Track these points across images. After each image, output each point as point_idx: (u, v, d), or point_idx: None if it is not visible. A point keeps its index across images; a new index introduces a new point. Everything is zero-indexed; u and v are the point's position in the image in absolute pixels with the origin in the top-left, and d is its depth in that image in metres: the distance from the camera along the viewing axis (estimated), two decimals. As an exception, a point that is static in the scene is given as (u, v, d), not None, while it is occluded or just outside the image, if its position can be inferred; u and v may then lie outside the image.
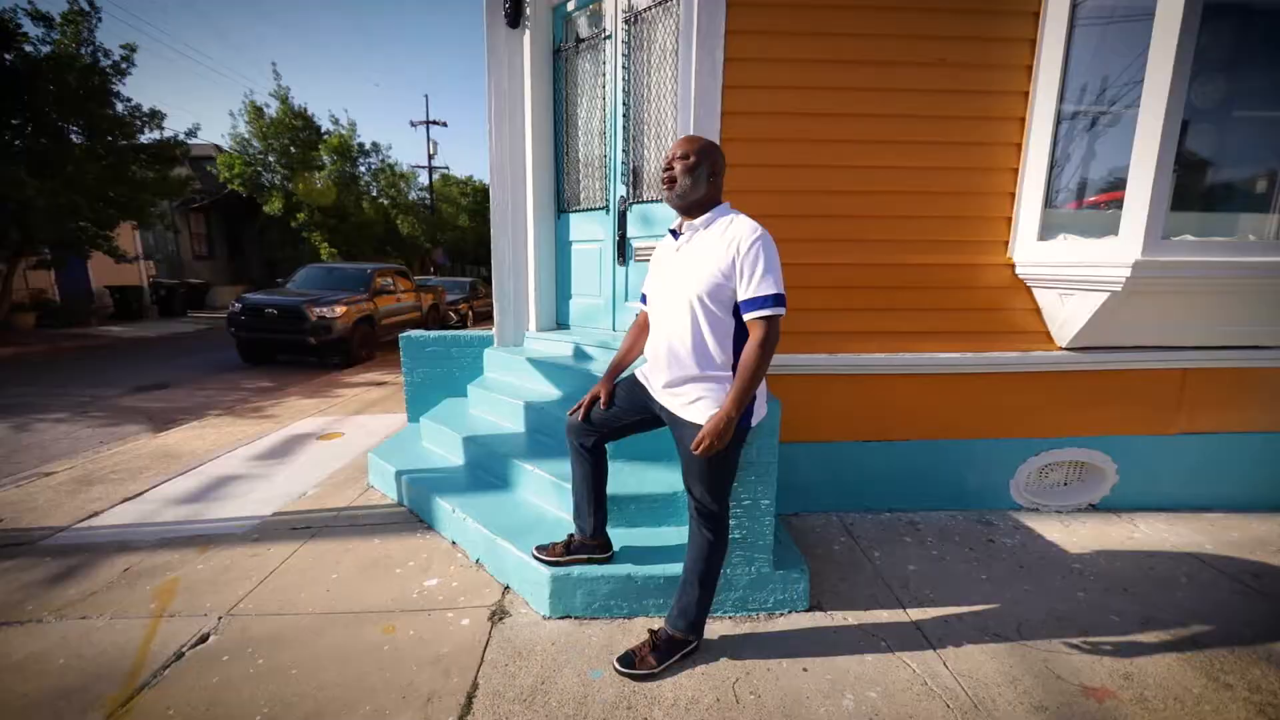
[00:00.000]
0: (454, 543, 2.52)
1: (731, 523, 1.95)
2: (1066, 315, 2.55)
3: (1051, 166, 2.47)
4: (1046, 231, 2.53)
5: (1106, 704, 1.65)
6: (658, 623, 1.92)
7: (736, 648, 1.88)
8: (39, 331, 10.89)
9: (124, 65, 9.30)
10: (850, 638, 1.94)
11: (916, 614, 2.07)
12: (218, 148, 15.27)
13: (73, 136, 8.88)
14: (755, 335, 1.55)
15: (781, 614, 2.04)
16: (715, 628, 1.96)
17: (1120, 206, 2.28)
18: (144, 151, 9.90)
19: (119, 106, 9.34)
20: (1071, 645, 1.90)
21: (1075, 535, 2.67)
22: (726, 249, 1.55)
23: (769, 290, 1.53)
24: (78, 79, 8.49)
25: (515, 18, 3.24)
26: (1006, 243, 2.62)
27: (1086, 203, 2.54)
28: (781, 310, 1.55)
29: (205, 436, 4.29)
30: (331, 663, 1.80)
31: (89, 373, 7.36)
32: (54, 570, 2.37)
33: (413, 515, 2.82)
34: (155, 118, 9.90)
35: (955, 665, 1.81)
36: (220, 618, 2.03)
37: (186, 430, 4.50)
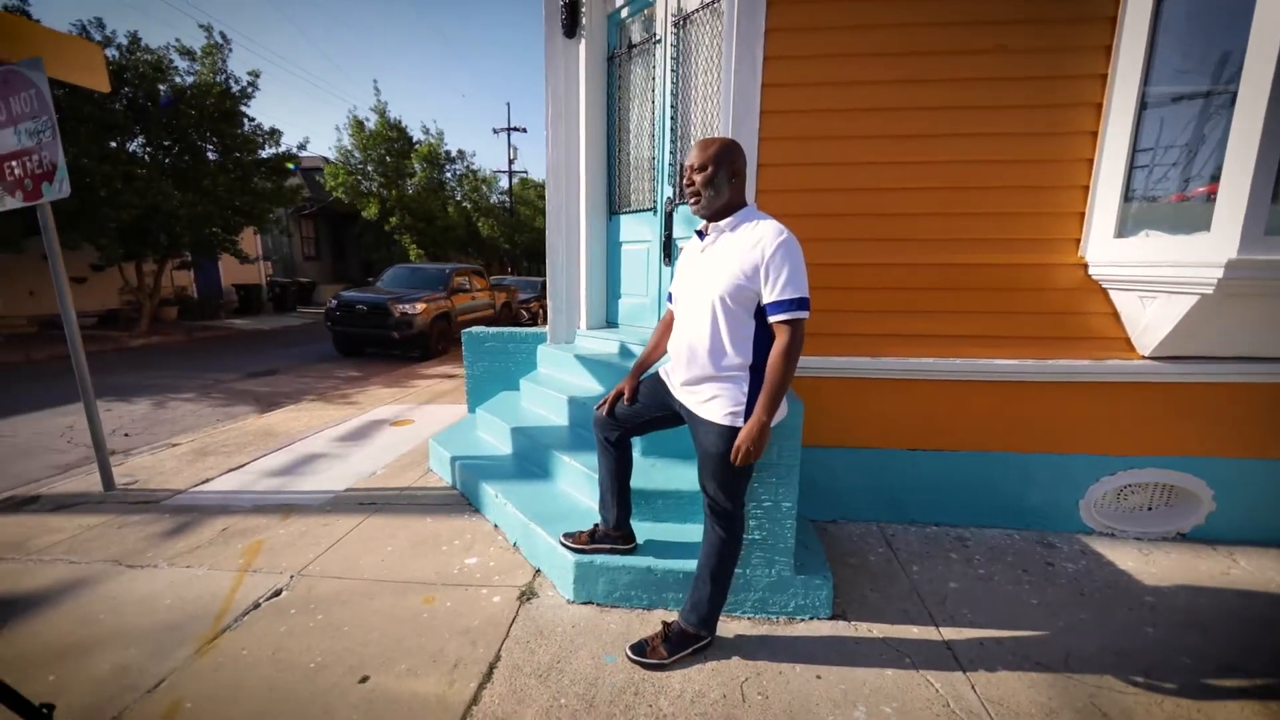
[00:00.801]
0: (496, 526, 2.69)
1: (751, 523, 1.96)
2: (1149, 320, 2.29)
3: (1133, 156, 2.23)
4: (1125, 228, 2.29)
5: (1159, 750, 1.50)
6: (674, 616, 1.96)
7: (750, 648, 1.88)
8: (179, 323, 12.63)
9: (250, 90, 10.57)
10: (872, 650, 1.88)
11: (950, 633, 1.97)
12: (325, 159, 16.88)
13: (208, 153, 10.22)
14: (781, 339, 1.55)
15: (802, 619, 2.01)
16: (731, 626, 1.97)
17: (1213, 199, 2.02)
18: (264, 165, 11.20)
19: (246, 126, 10.63)
20: (1128, 684, 1.73)
21: (1154, 566, 2.40)
22: (751, 251, 1.56)
23: (794, 294, 1.52)
24: (214, 103, 9.76)
25: (571, 28, 3.38)
26: (1078, 240, 2.40)
27: (1174, 197, 2.27)
28: (806, 313, 1.55)
29: (299, 418, 4.81)
30: (377, 624, 2.00)
31: (214, 359, 8.45)
32: (170, 526, 2.78)
33: (463, 498, 3.04)
34: (274, 135, 11.16)
35: (985, 690, 1.71)
36: (292, 576, 2.30)
37: (285, 412, 5.07)
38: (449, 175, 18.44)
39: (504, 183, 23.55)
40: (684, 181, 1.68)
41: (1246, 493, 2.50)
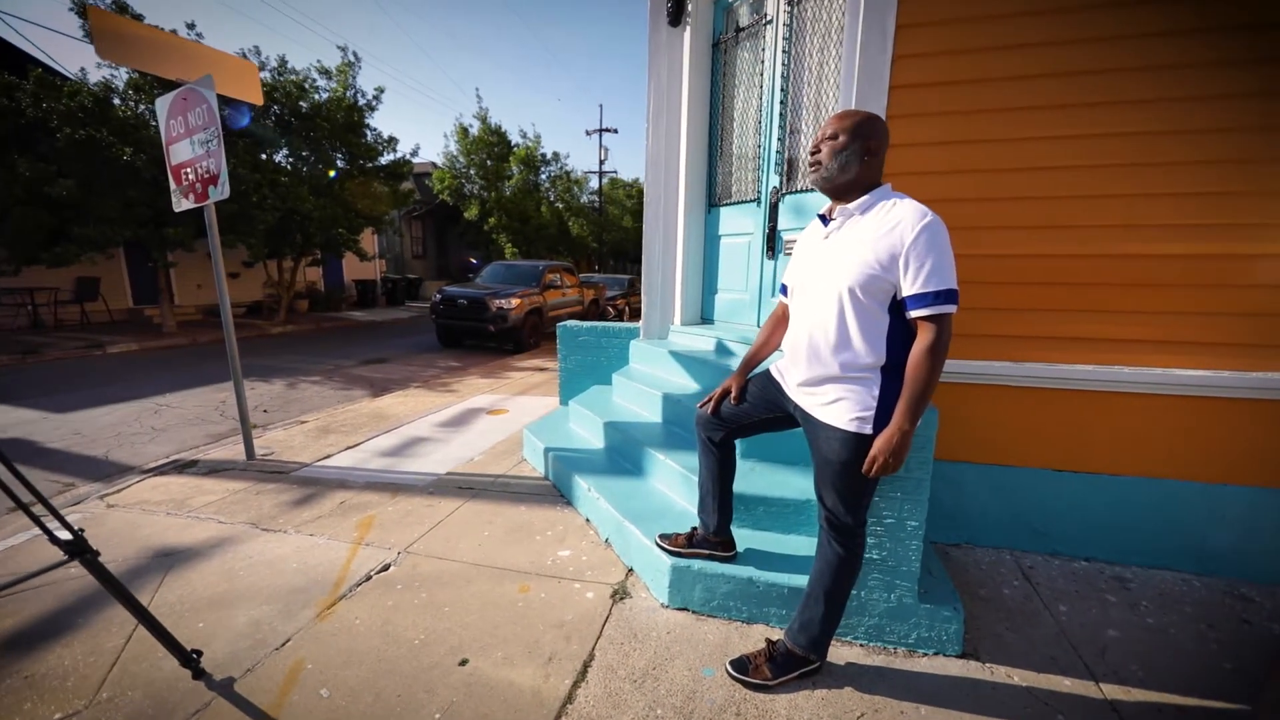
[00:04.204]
0: (587, 520, 2.67)
1: (870, 541, 1.77)
2: (1407, 327, 1.80)
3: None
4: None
5: None
6: (777, 634, 1.82)
7: (866, 680, 1.69)
8: (310, 314, 14.15)
9: (374, 103, 11.60)
10: (1013, 700, 1.62)
11: (1113, 691, 1.65)
12: (434, 165, 18.18)
13: (337, 161, 11.34)
14: (925, 337, 1.36)
15: (924, 654, 1.78)
16: (842, 653, 1.79)
17: None
18: (383, 170, 12.25)
19: (369, 135, 11.68)
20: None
21: (1402, 638, 1.88)
22: (887, 236, 1.38)
23: (941, 285, 1.33)
24: (344, 116, 10.82)
25: (677, 15, 3.30)
26: (1299, 226, 1.94)
27: None
28: (954, 307, 1.35)
29: (406, 403, 5.15)
30: (475, 608, 2.03)
31: (336, 347, 9.34)
32: (297, 496, 3.04)
33: (554, 489, 3.06)
34: (391, 143, 12.17)
35: (1169, 769, 1.40)
36: (399, 553, 2.42)
37: (394, 397, 5.45)
38: (544, 177, 19.18)
39: (594, 183, 24.14)
40: (809, 150, 1.52)
41: None
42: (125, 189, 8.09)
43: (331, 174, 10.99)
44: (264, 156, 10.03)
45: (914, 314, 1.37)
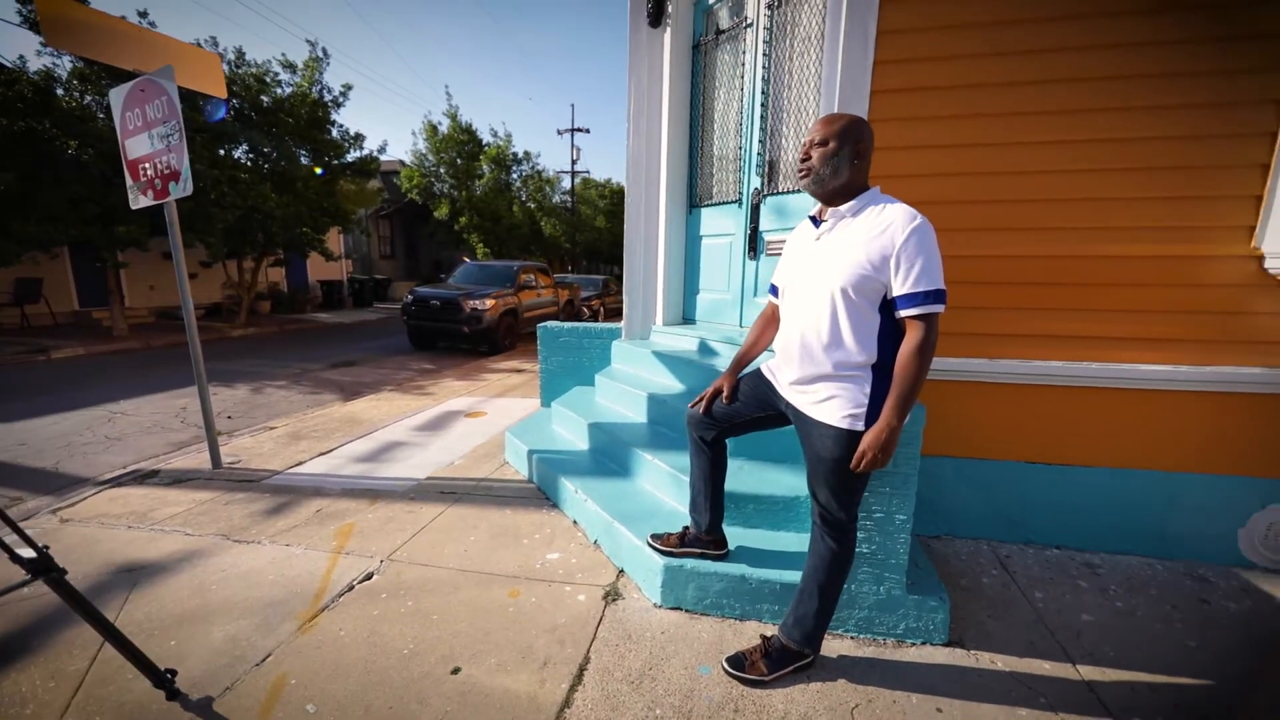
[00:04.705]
0: (575, 522, 2.65)
1: (860, 535, 1.80)
2: (1344, 323, 1.94)
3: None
4: (1316, 213, 1.95)
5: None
6: (770, 629, 1.84)
7: (858, 671, 1.72)
8: (272, 316, 13.64)
9: (341, 100, 11.27)
10: (998, 684, 1.67)
11: (1089, 672, 1.73)
12: (402, 163, 17.76)
13: (301, 158, 10.97)
14: (914, 335, 1.40)
15: (913, 644, 1.83)
16: (834, 646, 1.82)
17: None
18: (349, 168, 11.91)
19: (334, 132, 11.34)
20: (1331, 754, 1.45)
21: (1343, 612, 2.03)
22: (879, 238, 1.41)
23: (930, 285, 1.37)
24: (309, 112, 10.48)
25: (657, 16, 3.30)
26: (1252, 229, 2.06)
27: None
28: (942, 307, 1.39)
29: (380, 407, 5.02)
30: (464, 614, 1.99)
31: (302, 350, 9.03)
32: (270, 505, 2.92)
33: (539, 492, 3.02)
34: (358, 140, 11.84)
35: (1145, 745, 1.47)
36: (382, 561, 2.35)
37: (367, 401, 5.30)
38: (515, 176, 18.95)
39: (566, 183, 23.98)
40: (800, 156, 1.54)
41: None
42: (71, 185, 7.65)
43: (318, 170, 10.65)
44: (222, 152, 9.63)
45: (904, 313, 1.41)
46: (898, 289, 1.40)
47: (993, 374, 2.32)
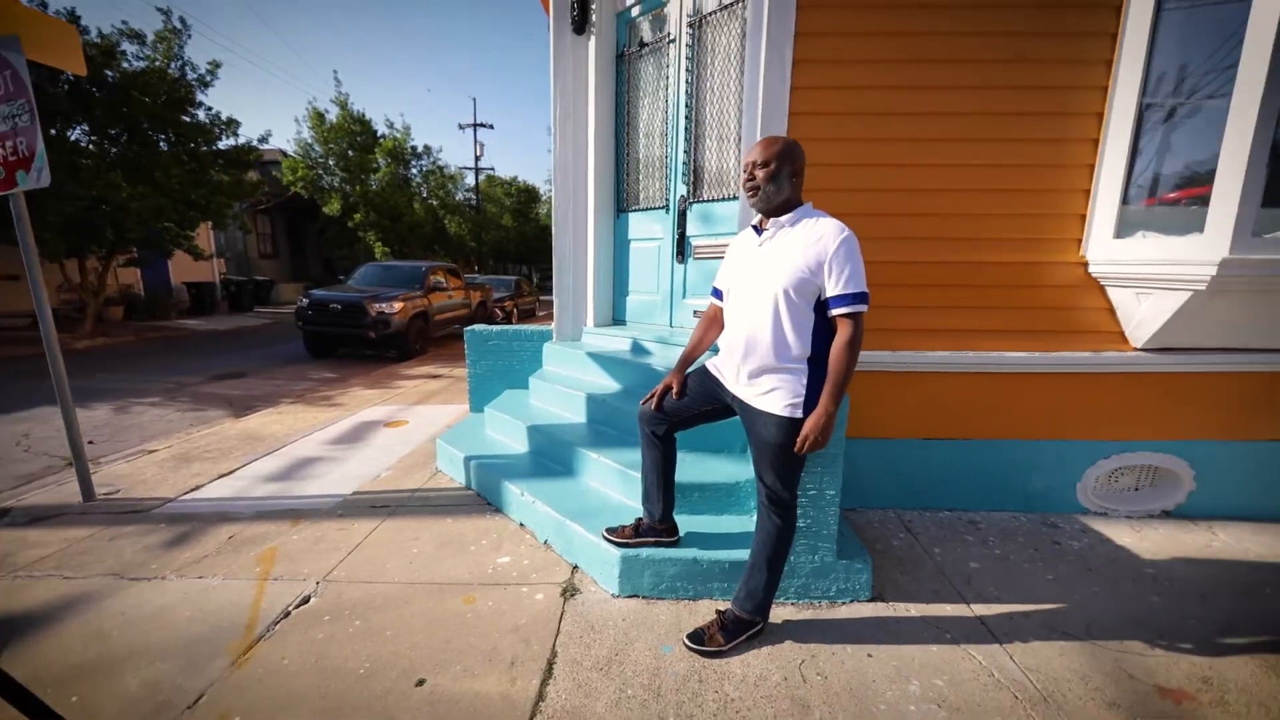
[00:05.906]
0: (522, 524, 2.66)
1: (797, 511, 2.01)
2: (1143, 315, 2.48)
3: (1131, 162, 2.41)
4: (1124, 229, 2.47)
5: (1184, 706, 1.63)
6: (722, 605, 2.00)
7: (801, 632, 1.93)
8: (126, 323, 11.83)
9: (208, 79, 10.00)
10: (914, 628, 1.97)
11: (981, 609, 2.08)
12: (283, 153, 16.15)
13: (160, 144, 9.61)
14: (844, 332, 1.61)
15: (843, 603, 2.09)
16: (778, 613, 2.02)
17: (1204, 203, 2.21)
18: (221, 157, 10.62)
19: (200, 114, 10.05)
20: (1146, 647, 1.88)
21: (1148, 541, 2.59)
22: (814, 246, 1.61)
23: (857, 288, 1.59)
24: (167, 91, 9.20)
25: (581, 25, 3.37)
26: (1079, 240, 2.57)
27: (1167, 198, 2.46)
28: (866, 307, 1.61)
29: (283, 421, 4.61)
30: (421, 626, 1.95)
31: (172, 361, 7.97)
32: (168, 536, 2.62)
33: (480, 498, 2.98)
34: (231, 125, 10.56)
35: (1022, 660, 1.81)
36: (318, 583, 2.22)
37: (265, 415, 4.84)
38: (415, 171, 17.95)
39: (470, 179, 23.10)
40: (744, 176, 1.71)
41: (1222, 472, 2.73)
42: None
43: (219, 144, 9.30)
44: (53, 131, 8.22)
45: (835, 312, 1.62)
46: (830, 290, 1.61)
47: (892, 364, 2.67)
